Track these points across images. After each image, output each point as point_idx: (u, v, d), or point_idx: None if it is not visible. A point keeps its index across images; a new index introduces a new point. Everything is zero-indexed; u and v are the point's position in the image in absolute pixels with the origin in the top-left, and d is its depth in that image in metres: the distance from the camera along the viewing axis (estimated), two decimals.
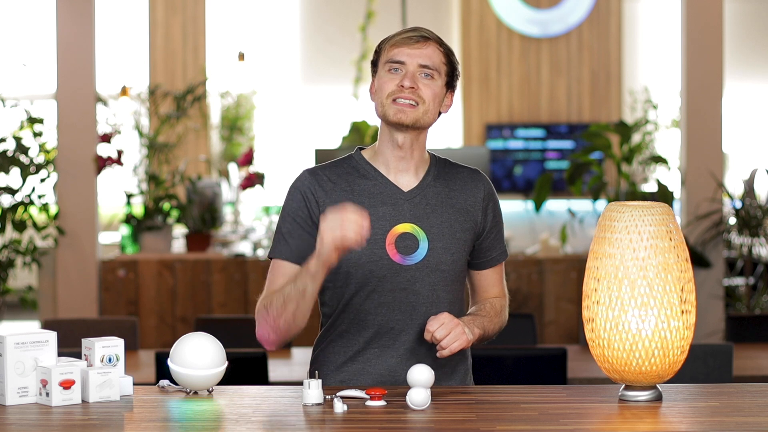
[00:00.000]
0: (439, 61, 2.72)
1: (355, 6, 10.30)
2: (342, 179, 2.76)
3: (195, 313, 6.60)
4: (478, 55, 10.28)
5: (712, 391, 2.63)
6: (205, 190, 7.43)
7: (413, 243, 2.72)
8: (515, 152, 10.18)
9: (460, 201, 2.79)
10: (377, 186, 2.75)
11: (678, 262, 2.44)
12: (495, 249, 2.85)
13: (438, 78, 2.72)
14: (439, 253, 2.73)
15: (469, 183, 2.81)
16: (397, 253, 2.71)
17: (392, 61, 2.71)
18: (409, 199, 2.75)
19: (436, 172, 2.80)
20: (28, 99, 7.37)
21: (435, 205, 2.76)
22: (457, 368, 2.81)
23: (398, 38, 2.72)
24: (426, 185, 2.77)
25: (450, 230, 2.75)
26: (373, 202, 2.73)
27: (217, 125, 10.50)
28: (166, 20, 10.44)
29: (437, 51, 2.72)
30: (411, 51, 2.70)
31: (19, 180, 6.62)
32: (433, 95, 2.72)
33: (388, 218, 2.72)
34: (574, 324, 6.59)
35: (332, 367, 2.78)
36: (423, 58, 2.70)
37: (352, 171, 2.77)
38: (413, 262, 2.72)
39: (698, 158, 6.62)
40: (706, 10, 6.61)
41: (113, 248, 7.87)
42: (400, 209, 2.74)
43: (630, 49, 10.59)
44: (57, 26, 6.64)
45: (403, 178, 2.77)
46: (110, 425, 2.34)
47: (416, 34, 2.71)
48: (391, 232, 2.72)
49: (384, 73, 2.72)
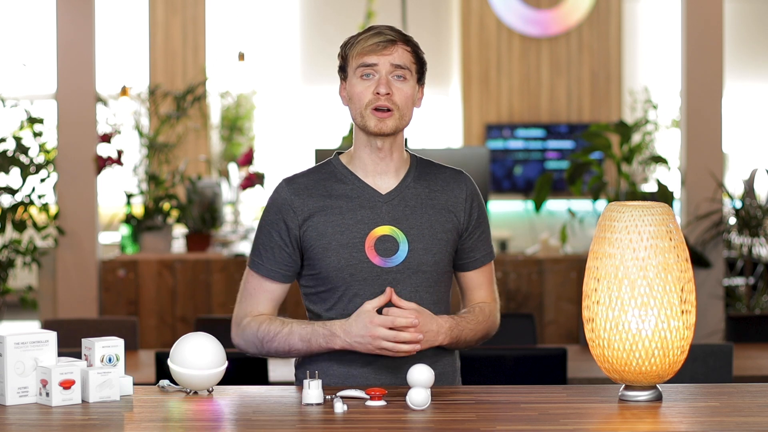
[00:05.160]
0: (408, 59, 2.72)
1: (355, 6, 10.30)
2: (319, 185, 2.77)
3: (195, 313, 6.60)
4: (478, 55, 10.28)
5: (712, 391, 2.63)
6: (205, 190, 7.43)
7: (393, 245, 2.72)
8: (515, 152, 10.18)
9: (442, 201, 2.78)
10: (354, 190, 2.75)
11: (678, 262, 2.44)
12: (479, 250, 2.83)
13: (410, 78, 2.73)
14: (420, 254, 2.73)
15: (451, 183, 2.80)
16: (377, 256, 2.71)
17: (364, 65, 2.71)
18: (387, 202, 2.75)
19: (417, 173, 2.80)
20: (28, 99, 7.37)
21: (414, 206, 2.75)
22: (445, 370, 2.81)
23: (366, 46, 2.70)
24: (405, 186, 2.77)
25: (430, 231, 2.74)
26: (351, 205, 2.73)
27: (217, 125, 10.50)
28: (166, 20, 10.44)
29: (405, 50, 2.72)
30: (381, 56, 2.70)
31: (19, 180, 6.62)
32: (406, 98, 2.72)
33: (366, 221, 2.72)
34: (574, 324, 6.59)
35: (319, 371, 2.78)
36: (394, 58, 2.70)
37: (329, 176, 2.78)
38: (394, 264, 2.71)
39: (698, 158, 6.62)
40: (706, 10, 6.61)
41: (113, 248, 7.87)
42: (378, 212, 2.73)
43: (630, 49, 10.58)
44: (57, 26, 6.64)
45: (382, 181, 2.77)
46: (110, 425, 2.34)
47: (382, 39, 2.70)
48: (370, 234, 2.71)
49: (357, 80, 2.72)
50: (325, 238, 2.71)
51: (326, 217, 2.73)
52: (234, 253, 6.85)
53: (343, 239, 2.70)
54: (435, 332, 2.67)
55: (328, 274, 2.72)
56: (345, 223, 2.72)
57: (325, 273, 2.72)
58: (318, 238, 2.72)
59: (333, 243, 2.71)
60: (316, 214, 2.73)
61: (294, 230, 2.74)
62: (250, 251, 2.82)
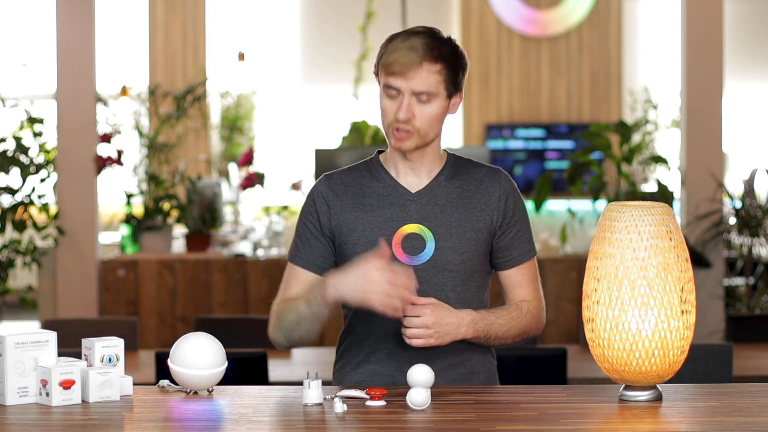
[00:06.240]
0: (434, 81, 2.67)
1: (355, 6, 10.30)
2: (355, 182, 2.80)
3: (195, 313, 6.60)
4: (478, 55, 10.28)
5: (712, 391, 2.63)
6: (205, 190, 7.43)
7: (420, 243, 2.73)
8: (515, 152, 10.18)
9: (474, 200, 2.77)
10: (386, 188, 2.78)
11: (678, 262, 2.44)
12: (516, 248, 2.80)
13: (435, 98, 2.68)
14: (447, 253, 2.73)
15: (486, 182, 2.79)
16: (403, 254, 2.72)
17: (388, 86, 2.69)
18: (416, 200, 2.76)
19: (451, 172, 2.80)
20: (28, 99, 7.37)
21: (444, 205, 2.76)
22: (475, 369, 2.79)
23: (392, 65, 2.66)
24: (436, 185, 2.78)
25: (459, 230, 2.74)
26: (381, 203, 2.76)
27: (217, 125, 10.50)
28: (166, 20, 10.44)
29: (431, 72, 2.66)
30: (404, 80, 2.66)
31: (19, 180, 6.62)
32: (429, 119, 2.70)
33: (395, 219, 2.74)
34: (574, 324, 6.59)
35: (349, 368, 2.81)
36: (416, 84, 2.66)
37: (366, 174, 2.81)
38: (420, 262, 2.73)
39: (698, 158, 6.62)
40: (706, 10, 6.61)
41: (113, 248, 7.87)
42: (407, 210, 2.75)
43: (630, 49, 10.59)
44: (57, 26, 6.64)
45: (413, 180, 2.78)
46: (110, 425, 2.34)
47: (408, 60, 2.65)
48: (398, 232, 2.73)
49: (383, 95, 2.72)
50: (355, 234, 2.74)
51: (357, 213, 2.75)
52: (234, 253, 6.85)
53: (372, 236, 2.73)
54: (455, 325, 2.64)
55: None
56: (374, 220, 2.74)
57: None
58: (349, 233, 2.74)
59: (362, 239, 2.73)
60: (348, 209, 2.76)
61: (326, 223, 2.77)
62: (290, 246, 2.84)
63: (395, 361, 2.74)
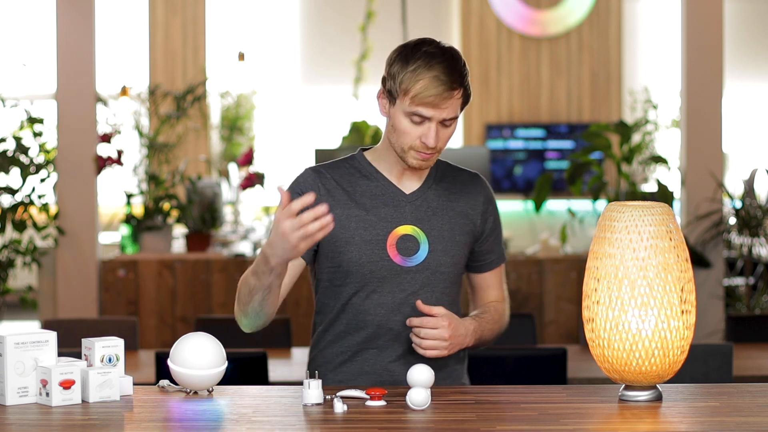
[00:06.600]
0: (458, 105, 2.69)
1: (355, 6, 10.30)
2: (344, 179, 2.78)
3: (195, 313, 6.60)
4: (478, 55, 10.28)
5: (712, 391, 2.63)
6: (205, 190, 7.43)
7: (414, 245, 2.75)
8: (515, 152, 10.17)
9: (461, 204, 2.82)
10: (379, 187, 2.78)
11: (678, 262, 2.44)
12: (493, 252, 2.88)
13: (456, 120, 2.71)
14: (439, 256, 2.76)
15: (469, 186, 2.84)
16: (397, 255, 2.74)
17: (416, 114, 2.65)
18: (410, 202, 2.77)
19: (438, 176, 2.83)
20: (28, 99, 7.37)
21: (436, 208, 2.79)
22: (454, 368, 2.83)
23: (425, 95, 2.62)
24: (428, 188, 2.80)
25: (450, 233, 2.78)
26: (375, 203, 2.76)
27: (217, 125, 10.50)
28: (166, 20, 10.44)
29: (456, 99, 2.67)
30: (435, 111, 2.65)
31: (19, 180, 6.62)
32: (448, 139, 2.73)
33: (389, 219, 2.75)
34: (574, 324, 6.59)
35: (330, 367, 2.80)
36: (447, 113, 2.66)
37: (355, 172, 2.80)
38: (413, 263, 2.74)
39: (698, 158, 6.62)
40: (706, 10, 6.61)
41: (113, 248, 7.87)
42: (402, 211, 2.76)
43: (630, 49, 10.58)
44: (57, 26, 6.64)
45: (406, 181, 2.79)
46: (110, 425, 2.34)
47: (442, 91, 2.63)
48: (393, 233, 2.74)
49: (405, 118, 2.66)
50: (348, 231, 2.73)
51: (350, 210, 2.74)
52: (234, 253, 6.85)
53: (366, 235, 2.73)
54: (463, 335, 2.71)
55: (349, 268, 2.73)
56: (369, 220, 2.74)
57: (346, 266, 2.73)
58: (341, 230, 2.73)
59: (356, 237, 2.73)
60: (340, 206, 2.75)
61: None
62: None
63: (383, 360, 2.75)
